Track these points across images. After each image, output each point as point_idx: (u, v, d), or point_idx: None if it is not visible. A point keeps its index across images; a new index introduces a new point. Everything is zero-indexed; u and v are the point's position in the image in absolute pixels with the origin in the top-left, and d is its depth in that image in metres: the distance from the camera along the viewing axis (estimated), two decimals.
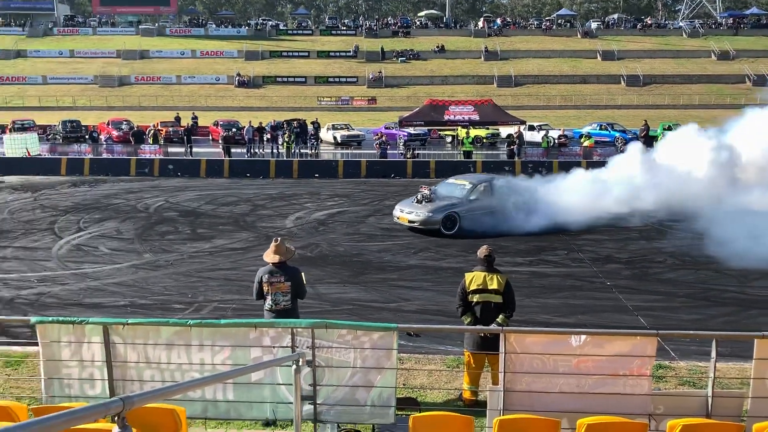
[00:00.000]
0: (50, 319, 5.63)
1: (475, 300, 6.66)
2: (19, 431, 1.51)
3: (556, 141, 31.48)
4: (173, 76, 57.04)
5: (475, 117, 31.18)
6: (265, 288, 6.83)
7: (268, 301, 6.85)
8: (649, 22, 70.95)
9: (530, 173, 21.82)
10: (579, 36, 66.68)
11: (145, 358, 5.60)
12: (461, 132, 30.84)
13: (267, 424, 5.89)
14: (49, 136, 35.09)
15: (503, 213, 15.42)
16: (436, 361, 8.17)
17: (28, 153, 27.71)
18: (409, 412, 5.75)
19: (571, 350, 5.23)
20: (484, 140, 33.77)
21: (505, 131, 34.50)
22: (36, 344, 8.18)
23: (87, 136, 34.89)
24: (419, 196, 15.75)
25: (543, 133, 31.43)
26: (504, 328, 5.31)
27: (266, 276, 6.82)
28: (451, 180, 17.17)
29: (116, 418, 1.84)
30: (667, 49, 62.24)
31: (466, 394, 6.76)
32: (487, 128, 34.10)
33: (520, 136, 29.01)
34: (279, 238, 7.11)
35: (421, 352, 8.42)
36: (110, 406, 1.81)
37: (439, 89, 53.63)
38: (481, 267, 6.77)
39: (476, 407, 6.47)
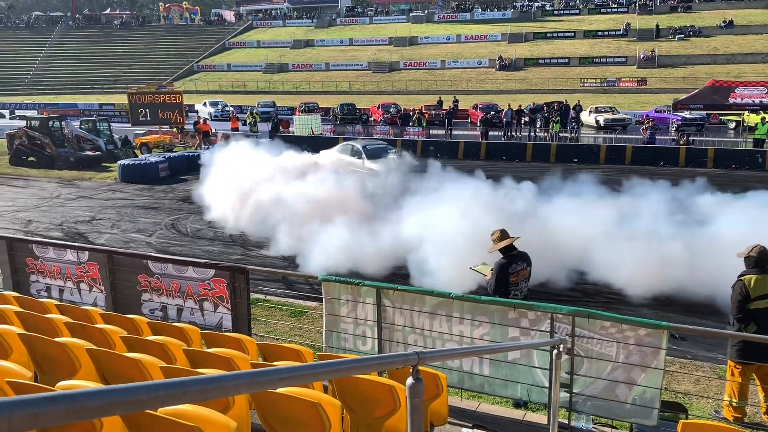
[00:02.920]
0: (333, 278, 6.36)
1: (760, 306, 5.90)
2: (343, 365, 1.77)
3: None
4: (438, 61, 59.36)
5: None
6: (512, 279, 6.59)
7: (513, 291, 6.61)
8: None
9: None
10: None
11: (411, 323, 6.03)
12: (752, 117, 27.09)
13: (517, 404, 5.95)
14: (330, 118, 39.09)
15: None
16: (705, 368, 7.45)
17: (312, 132, 31.26)
18: (673, 418, 5.35)
19: None
20: None
21: None
22: (313, 300, 9.40)
23: (358, 118, 38.32)
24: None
25: None
26: None
27: (513, 266, 6.59)
28: None
29: (412, 370, 2.04)
30: None
31: (730, 410, 6.07)
32: None
33: None
34: (504, 227, 6.87)
35: (687, 357, 7.75)
36: (409, 357, 2.02)
37: (722, 69, 47.70)
38: (757, 269, 5.96)
39: (741, 424, 5.80)
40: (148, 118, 29.63)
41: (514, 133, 31.27)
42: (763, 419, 5.93)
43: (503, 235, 6.69)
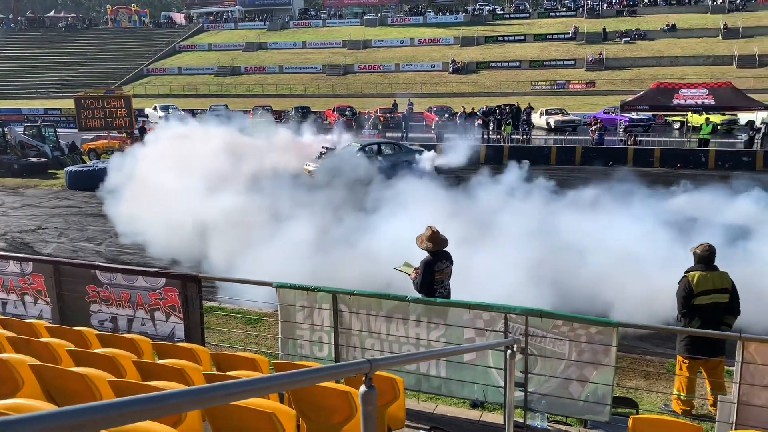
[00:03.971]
0: (288, 284, 6.28)
1: (703, 302, 6.08)
2: (295, 377, 1.74)
3: None
4: (392, 64, 59.57)
5: (710, 101, 28.14)
6: (437, 276, 6.63)
7: (438, 289, 6.64)
8: None
9: None
10: None
11: (368, 328, 6.01)
12: (696, 118, 28.05)
13: (474, 405, 6.00)
14: (284, 121, 38.78)
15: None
16: (655, 363, 7.67)
17: None
18: (625, 413, 5.48)
19: None
20: (719, 127, 30.43)
21: (745, 117, 30.75)
22: (269, 306, 9.27)
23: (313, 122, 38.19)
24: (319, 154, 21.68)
25: None
26: (742, 335, 4.79)
27: (438, 264, 6.63)
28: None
29: (364, 378, 2.02)
30: None
31: (678, 403, 6.25)
32: (723, 114, 30.63)
33: None
34: (434, 226, 6.89)
35: (637, 353, 7.95)
36: (361, 366, 2.00)
37: (667, 71, 49.30)
38: (701, 266, 6.16)
39: (689, 416, 5.99)
40: (97, 124, 28.84)
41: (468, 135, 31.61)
42: (710, 411, 6.12)
43: (434, 234, 6.69)
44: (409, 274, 6.89)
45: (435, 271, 6.61)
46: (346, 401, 3.88)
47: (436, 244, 6.63)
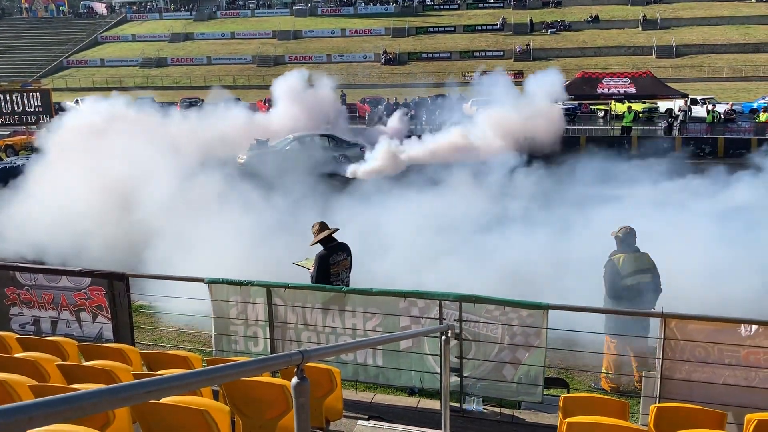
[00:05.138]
0: (221, 279, 6.14)
1: (629, 283, 6.34)
2: (223, 371, 1.69)
3: (722, 116, 28.85)
4: (324, 55, 59.07)
5: (632, 90, 29.23)
6: (333, 269, 6.66)
7: (335, 282, 6.65)
8: None
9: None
10: (753, 0, 60.14)
11: (303, 321, 5.96)
12: (620, 106, 29.11)
13: (412, 392, 6.06)
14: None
15: None
16: (585, 343, 7.90)
17: None
18: (557, 393, 5.65)
19: (740, 341, 4.85)
20: (640, 115, 31.76)
21: (664, 105, 32.19)
22: (201, 303, 9.02)
23: None
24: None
25: (708, 107, 28.96)
26: (664, 312, 5.02)
27: (333, 257, 6.67)
28: None
29: (296, 369, 1.99)
30: None
31: (607, 381, 6.52)
32: (644, 102, 31.96)
33: (686, 110, 27.02)
34: (321, 221, 6.98)
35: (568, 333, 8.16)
36: (292, 357, 1.97)
37: (591, 61, 50.97)
38: (625, 248, 6.41)
39: (617, 393, 6.24)
40: (13, 119, 27.43)
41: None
42: (636, 387, 6.40)
43: (322, 227, 6.76)
44: (308, 269, 6.88)
45: (330, 264, 6.64)
46: (282, 395, 3.83)
47: (326, 237, 6.68)
